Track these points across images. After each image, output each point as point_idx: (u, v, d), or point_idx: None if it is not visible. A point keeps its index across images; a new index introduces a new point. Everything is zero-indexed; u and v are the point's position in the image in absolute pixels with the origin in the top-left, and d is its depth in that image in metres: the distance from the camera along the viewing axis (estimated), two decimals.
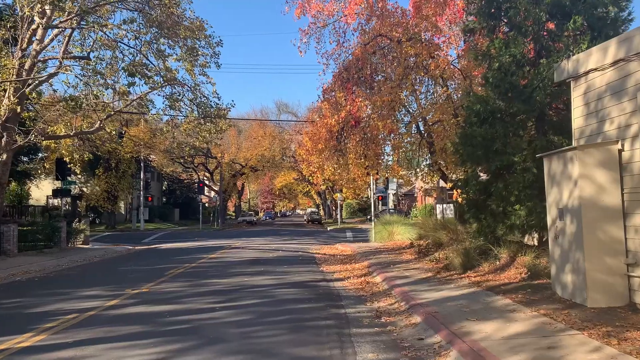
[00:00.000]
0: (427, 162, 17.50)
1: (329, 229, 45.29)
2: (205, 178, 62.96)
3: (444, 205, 25.03)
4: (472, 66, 15.71)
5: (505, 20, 13.02)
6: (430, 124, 16.69)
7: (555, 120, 12.46)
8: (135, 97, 22.26)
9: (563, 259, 8.92)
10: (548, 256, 11.53)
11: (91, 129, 21.53)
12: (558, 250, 9.12)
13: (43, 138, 18.63)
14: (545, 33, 12.42)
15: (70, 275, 14.60)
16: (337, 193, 50.24)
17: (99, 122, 21.56)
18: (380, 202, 71.40)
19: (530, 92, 11.84)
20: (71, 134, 20.50)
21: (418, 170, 16.94)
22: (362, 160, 18.99)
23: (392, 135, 15.69)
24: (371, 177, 22.04)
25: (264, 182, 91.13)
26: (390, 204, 67.71)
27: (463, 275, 12.03)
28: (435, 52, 14.56)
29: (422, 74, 14.52)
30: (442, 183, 19.99)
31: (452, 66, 15.43)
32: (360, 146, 19.60)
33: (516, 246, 12.68)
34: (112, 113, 21.84)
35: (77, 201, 50.16)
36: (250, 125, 60.74)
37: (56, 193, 27.96)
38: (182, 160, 58.42)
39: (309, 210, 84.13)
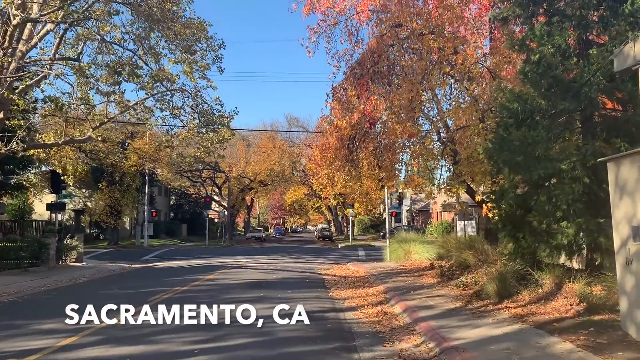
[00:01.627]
0: (450, 173, 15.53)
1: (340, 246, 43.24)
2: (213, 193, 61.37)
3: (465, 222, 22.97)
4: (501, 64, 13.85)
5: (546, 6, 11.19)
6: (454, 130, 14.80)
7: (610, 120, 10.51)
8: (132, 104, 20.65)
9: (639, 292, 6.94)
10: (603, 283, 9.56)
11: (82, 138, 19.87)
12: (631, 279, 7.13)
13: (26, 146, 16.95)
14: (595, 18, 10.54)
15: (41, 300, 12.81)
16: (348, 208, 48.24)
17: (90, 130, 19.94)
18: (393, 219, 68.99)
19: (579, 88, 9.94)
20: (60, 142, 18.87)
21: (441, 181, 14.98)
22: (376, 171, 17.14)
23: (412, 141, 13.81)
24: (385, 190, 20.14)
25: (274, 197, 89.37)
26: (404, 221, 65.51)
27: (500, 306, 10.04)
28: (461, 46, 12.73)
29: (447, 70, 12.68)
30: (462, 197, 17.99)
31: (478, 65, 13.58)
32: (374, 156, 17.78)
33: (560, 270, 10.68)
34: (106, 121, 20.24)
35: (81, 216, 48.77)
36: (259, 138, 59.18)
37: (50, 207, 26.33)
38: (189, 175, 56.90)
39: (319, 226, 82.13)
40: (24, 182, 29.13)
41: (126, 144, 35.93)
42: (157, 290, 13.31)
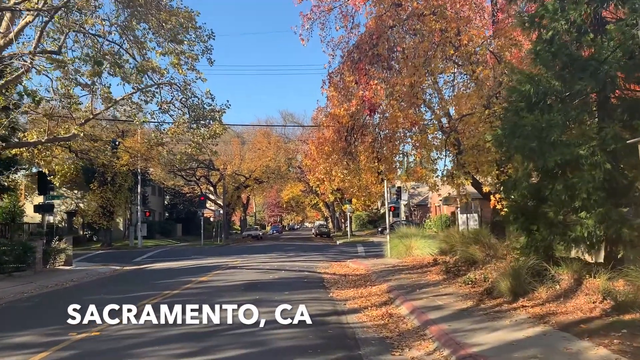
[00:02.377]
0: (453, 164, 14.68)
1: (338, 242, 42.44)
2: (207, 191, 60.44)
3: (468, 215, 22.18)
4: (506, 47, 13.02)
5: None
6: (456, 118, 13.97)
7: (630, 101, 9.71)
8: (118, 99, 19.74)
9: None
10: (626, 278, 8.76)
11: (67, 136, 18.97)
12: None
13: (4, 145, 16.03)
14: None
15: (21, 307, 11.95)
16: (346, 204, 47.41)
17: (75, 127, 19.03)
18: (391, 213, 68.18)
19: (597, 66, 9.12)
20: (42, 140, 17.96)
21: (444, 173, 14.11)
22: (375, 163, 16.30)
23: (414, 130, 12.95)
24: (385, 183, 19.31)
25: (271, 195, 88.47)
26: (402, 215, 64.75)
27: (515, 305, 9.24)
28: (465, 26, 11.86)
29: (452, 52, 11.81)
30: (465, 189, 17.17)
31: (484, 47, 12.72)
32: (373, 148, 16.95)
33: (579, 265, 9.89)
34: (91, 117, 19.33)
35: (73, 217, 47.78)
36: (254, 135, 58.26)
37: (38, 209, 25.40)
38: (183, 173, 55.92)
39: (317, 223, 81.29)
40: (6, 184, 28.06)
41: (117, 142, 35.01)
42: (145, 295, 12.45)
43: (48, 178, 23.23)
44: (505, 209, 12.10)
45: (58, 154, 40.34)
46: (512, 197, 10.94)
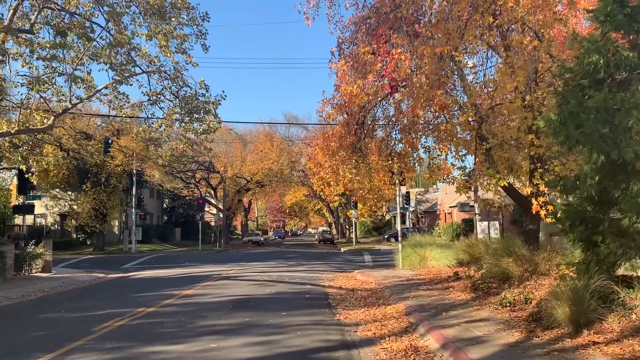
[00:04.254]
0: (479, 162, 12.43)
1: (342, 250, 40.18)
2: (207, 195, 58.34)
3: (489, 223, 19.96)
4: (549, 22, 10.84)
5: None
6: (488, 107, 11.79)
7: None
8: (100, 87, 17.67)
9: None
10: None
11: (42, 127, 16.90)
12: None
13: None
14: None
15: None
16: (351, 210, 45.16)
17: (52, 117, 16.99)
18: (399, 220, 65.74)
19: None
20: (12, 131, 15.89)
21: (471, 171, 11.85)
22: (390, 161, 14.15)
23: (440, 118, 10.70)
24: (397, 185, 17.15)
25: (273, 199, 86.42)
26: (408, 222, 62.46)
27: (581, 340, 7.04)
28: None
29: (491, 21, 9.63)
30: (483, 194, 14.94)
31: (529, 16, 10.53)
32: (387, 144, 14.83)
33: None
34: (70, 107, 17.24)
35: (63, 220, 45.72)
36: (257, 137, 56.19)
37: (17, 209, 23.39)
38: (181, 175, 53.82)
39: (320, 229, 79.08)
40: None
41: (110, 141, 32.94)
42: (112, 313, 10.30)
43: (26, 176, 21.06)
44: (552, 215, 9.93)
45: (49, 152, 38.60)
46: (569, 200, 8.76)
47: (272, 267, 23.09)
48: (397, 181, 15.96)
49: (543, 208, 10.15)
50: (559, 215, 8.56)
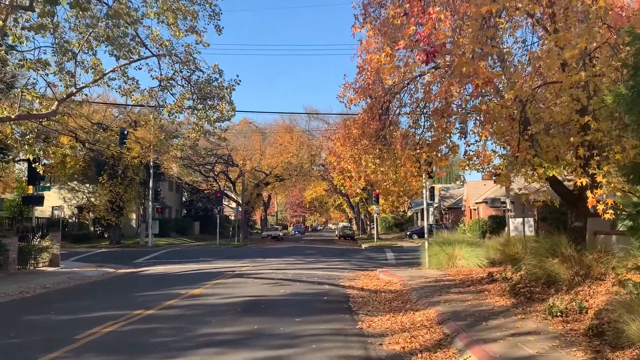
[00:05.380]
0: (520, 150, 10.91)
1: (363, 246, 38.80)
2: (226, 188, 57.49)
3: (524, 219, 18.39)
4: None
5: None
6: (537, 85, 10.29)
7: None
8: (107, 71, 16.63)
9: None
10: None
11: (45, 112, 15.92)
12: None
13: None
14: None
15: None
16: (372, 205, 43.66)
17: (56, 102, 16.00)
18: (420, 216, 64.21)
19: None
20: (12, 116, 14.90)
21: (515, 160, 10.34)
22: (418, 150, 12.76)
23: (483, 96, 9.18)
24: (425, 176, 15.76)
25: (293, 194, 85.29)
26: (431, 219, 60.68)
27: None
28: None
29: None
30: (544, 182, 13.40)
31: None
32: (413, 132, 13.45)
33: None
34: (74, 91, 16.22)
35: (81, 213, 45.23)
36: (276, 130, 55.03)
37: (26, 200, 22.57)
38: (200, 169, 53.01)
39: (340, 224, 77.72)
40: None
41: (126, 132, 32.08)
42: (106, 315, 9.17)
43: (33, 166, 20.14)
44: (612, 210, 8.45)
45: (65, 142, 38.00)
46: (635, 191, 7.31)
47: (290, 263, 21.88)
48: (424, 173, 14.53)
49: (601, 202, 8.66)
50: (625, 211, 7.10)
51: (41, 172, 19.82)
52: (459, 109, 10.14)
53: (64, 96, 16.19)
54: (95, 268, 20.38)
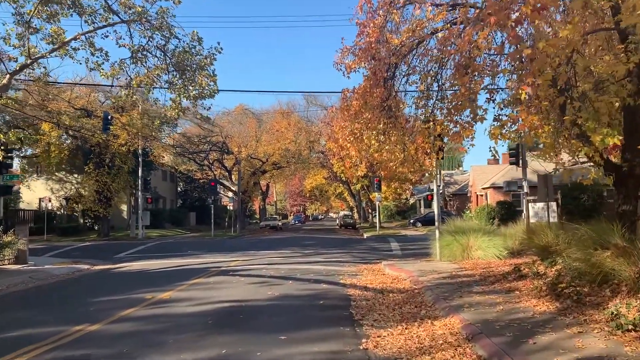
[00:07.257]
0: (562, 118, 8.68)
1: (365, 236, 36.72)
2: (222, 177, 55.32)
3: (547, 204, 16.25)
4: None
5: None
6: (588, 32, 8.11)
7: None
8: (69, 39, 14.46)
9: None
10: None
11: None
12: None
13: None
14: None
15: None
16: (374, 192, 41.51)
17: (7, 75, 13.84)
18: (423, 204, 61.93)
19: None
20: None
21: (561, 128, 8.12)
22: (431, 122, 10.71)
23: (515, 46, 6.90)
24: (436, 153, 13.66)
25: (293, 183, 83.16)
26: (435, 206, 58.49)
27: None
28: None
29: None
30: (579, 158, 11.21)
31: None
32: (425, 101, 11.37)
33: None
34: (29, 63, 14.05)
35: (68, 203, 43.07)
36: (272, 117, 52.73)
37: None
38: (194, 157, 50.80)
39: (341, 213, 75.68)
40: None
41: (110, 117, 29.92)
42: (34, 334, 7.08)
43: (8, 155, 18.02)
44: None
45: (47, 130, 35.80)
46: None
47: (285, 256, 19.77)
48: (437, 150, 12.35)
49: None
50: None
51: (10, 161, 17.65)
52: (487, 63, 7.95)
53: (17, 68, 14.03)
54: (69, 264, 18.30)
